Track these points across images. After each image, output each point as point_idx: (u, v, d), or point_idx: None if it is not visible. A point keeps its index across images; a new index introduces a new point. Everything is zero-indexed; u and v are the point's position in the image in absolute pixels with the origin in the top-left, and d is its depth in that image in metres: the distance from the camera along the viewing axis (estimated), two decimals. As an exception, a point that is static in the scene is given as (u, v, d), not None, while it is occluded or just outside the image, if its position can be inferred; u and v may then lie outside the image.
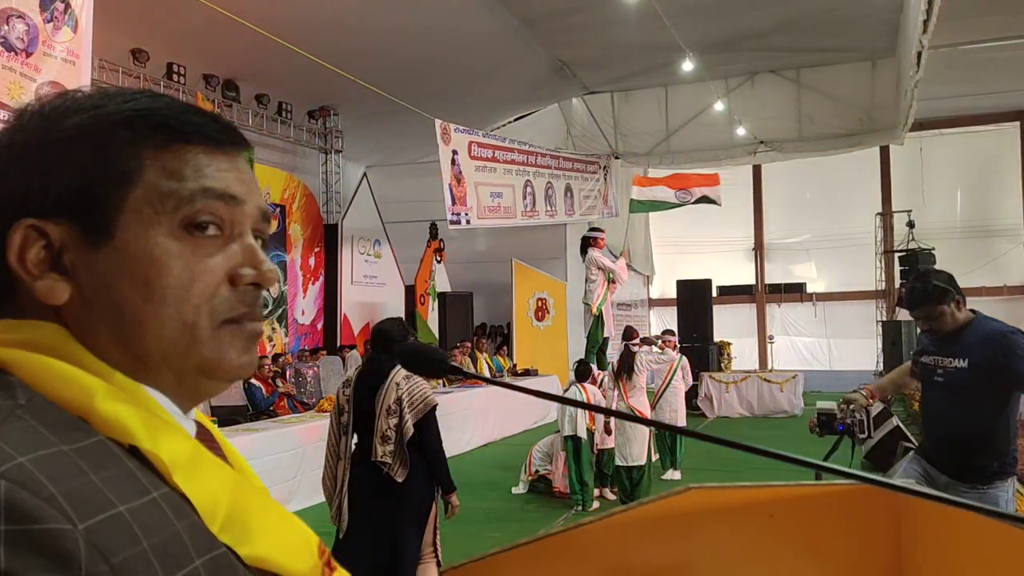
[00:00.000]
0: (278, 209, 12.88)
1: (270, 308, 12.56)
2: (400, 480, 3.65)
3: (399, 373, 3.72)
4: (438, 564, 3.71)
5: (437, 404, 3.79)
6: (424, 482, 3.75)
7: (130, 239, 0.61)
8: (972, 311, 3.37)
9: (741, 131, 15.03)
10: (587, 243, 9.13)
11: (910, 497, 1.31)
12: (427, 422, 3.71)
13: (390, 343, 3.76)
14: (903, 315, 17.65)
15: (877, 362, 17.66)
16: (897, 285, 18.24)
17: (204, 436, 0.67)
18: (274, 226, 12.61)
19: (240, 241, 0.65)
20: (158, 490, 0.56)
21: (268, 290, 0.67)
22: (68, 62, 5.24)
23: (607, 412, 2.40)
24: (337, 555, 0.72)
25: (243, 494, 0.62)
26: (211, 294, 0.63)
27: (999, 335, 3.20)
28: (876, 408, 10.98)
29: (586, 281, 9.09)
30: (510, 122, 15.13)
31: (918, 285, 3.32)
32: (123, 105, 0.64)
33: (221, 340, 0.63)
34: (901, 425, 9.01)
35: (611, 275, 8.81)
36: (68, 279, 0.61)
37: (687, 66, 12.90)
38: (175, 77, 10.55)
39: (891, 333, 17.02)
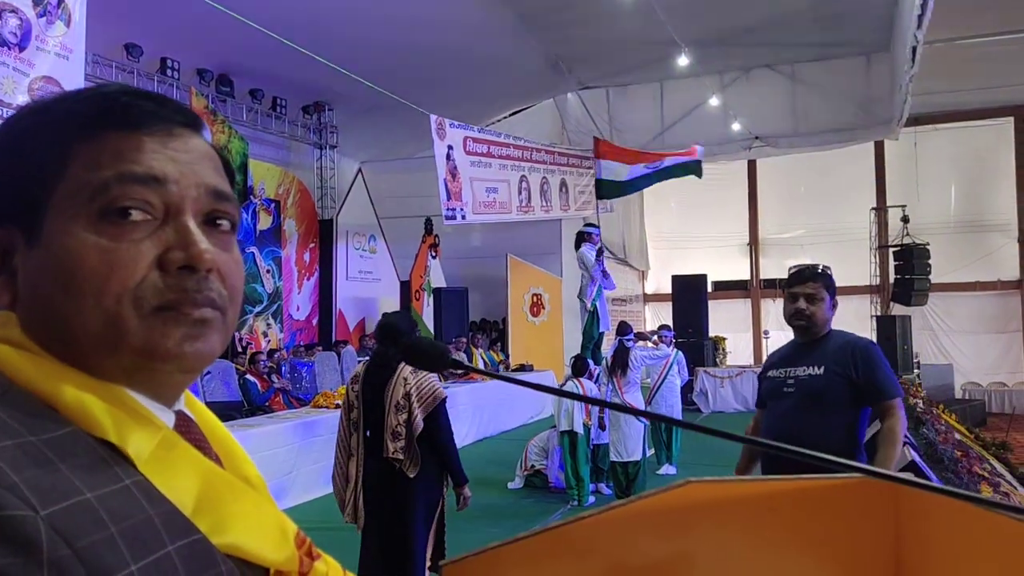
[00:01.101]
0: (273, 204, 12.85)
1: (264, 303, 12.54)
2: (412, 476, 3.66)
3: (407, 367, 3.71)
4: (442, 556, 3.72)
5: (446, 397, 3.79)
6: (434, 475, 3.75)
7: (52, 235, 0.60)
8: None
9: (736, 126, 15.05)
10: (581, 239, 9.12)
11: (908, 488, 1.31)
12: (437, 415, 3.71)
13: (397, 337, 3.75)
14: (898, 310, 17.72)
15: (871, 357, 17.70)
16: (891, 280, 18.29)
17: (184, 426, 0.66)
18: (269, 221, 12.69)
19: (175, 223, 0.62)
20: (131, 478, 0.56)
21: (214, 275, 0.63)
22: (61, 57, 5.21)
23: (603, 404, 2.52)
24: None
25: (214, 483, 0.61)
26: (135, 281, 0.59)
27: (858, 345, 3.09)
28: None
29: (581, 277, 9.09)
30: (505, 117, 15.12)
31: (812, 265, 3.34)
32: (66, 101, 0.63)
33: (153, 329, 0.60)
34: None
35: (593, 276, 8.79)
36: (11, 282, 0.61)
37: (682, 61, 12.90)
38: (169, 72, 10.51)
39: (886, 328, 17.07)
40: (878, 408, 2.99)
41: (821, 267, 3.21)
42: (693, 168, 11.63)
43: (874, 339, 18.46)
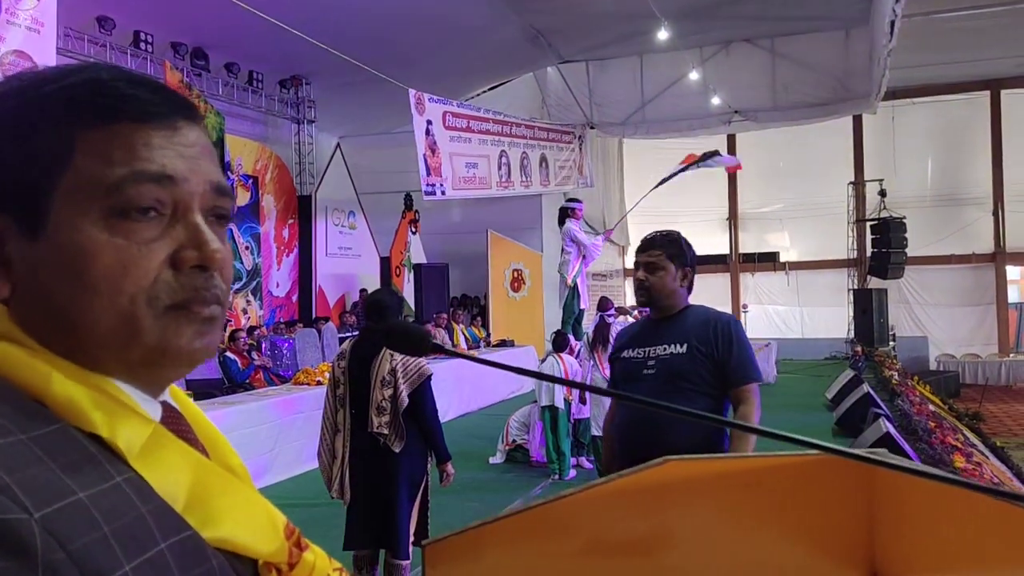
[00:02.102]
0: (251, 180, 12.72)
1: (244, 280, 12.45)
2: (397, 451, 3.68)
3: None
4: (425, 534, 3.74)
5: (432, 374, 3.80)
6: (418, 451, 3.78)
7: (60, 229, 0.58)
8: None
9: (716, 100, 15.04)
10: (564, 214, 9.13)
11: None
12: (422, 392, 3.73)
13: (384, 313, 3.75)
14: (874, 283, 17.94)
15: (848, 329, 17.95)
16: (868, 254, 18.48)
17: (171, 418, 0.66)
18: (247, 197, 12.56)
19: (185, 221, 0.62)
20: (122, 475, 0.55)
21: (218, 272, 0.63)
22: (32, 31, 5.10)
23: (582, 387, 2.36)
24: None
25: (205, 477, 0.61)
26: (150, 281, 0.59)
27: (720, 320, 2.79)
28: (847, 375, 11.20)
29: (562, 252, 9.10)
30: (484, 92, 15.00)
31: (660, 231, 2.91)
32: (60, 83, 0.61)
33: (166, 327, 0.60)
34: (872, 392, 9.19)
35: (583, 250, 8.81)
36: (7, 272, 0.59)
37: (662, 35, 12.83)
38: (142, 46, 10.31)
39: (862, 301, 17.29)
40: (733, 392, 2.70)
41: (668, 233, 2.88)
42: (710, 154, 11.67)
43: (850, 313, 18.74)
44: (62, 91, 0.60)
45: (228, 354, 9.06)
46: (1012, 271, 19.60)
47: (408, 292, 13.54)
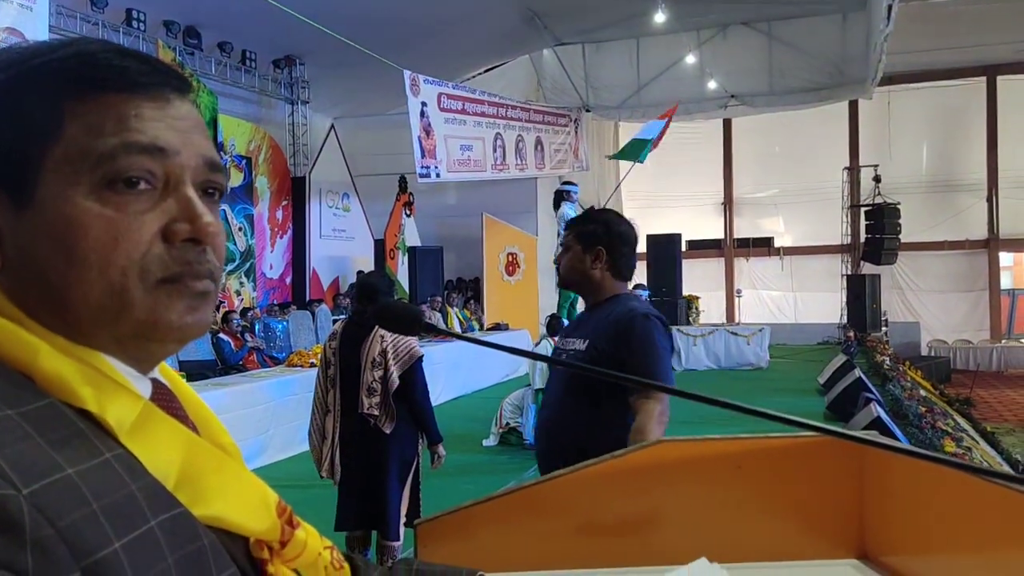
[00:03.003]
0: (244, 161, 12.65)
1: (237, 262, 12.42)
2: (388, 432, 3.69)
3: None
4: (417, 514, 3.76)
5: (423, 355, 3.80)
6: (409, 433, 3.78)
7: (49, 200, 0.57)
8: (634, 293, 2.52)
9: (712, 84, 14.99)
10: (560, 198, 9.10)
11: (874, 447, 1.34)
12: (413, 373, 3.73)
13: (375, 296, 3.76)
14: (867, 269, 17.98)
15: (841, 315, 18.00)
16: (862, 239, 18.51)
17: (161, 395, 0.65)
18: (240, 178, 12.51)
19: (177, 194, 0.61)
20: (112, 451, 0.55)
21: (210, 247, 0.63)
22: (25, 8, 5.06)
23: (574, 367, 2.13)
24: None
25: (196, 455, 0.61)
26: (141, 253, 0.59)
27: (632, 315, 2.32)
28: (839, 360, 11.25)
29: (558, 235, 9.09)
30: (480, 74, 14.93)
31: (585, 213, 2.57)
32: (49, 56, 0.60)
33: (158, 301, 0.60)
34: (863, 377, 9.23)
35: None
36: None
37: (659, 17, 12.78)
38: (134, 24, 10.22)
39: (855, 287, 17.33)
40: (632, 402, 2.23)
41: (587, 211, 2.54)
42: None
43: (844, 298, 18.77)
44: (51, 63, 0.60)
45: (221, 335, 9.05)
46: (1005, 257, 19.66)
47: (402, 275, 13.53)
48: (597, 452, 2.10)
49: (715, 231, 21.31)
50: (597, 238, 2.41)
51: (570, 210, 8.82)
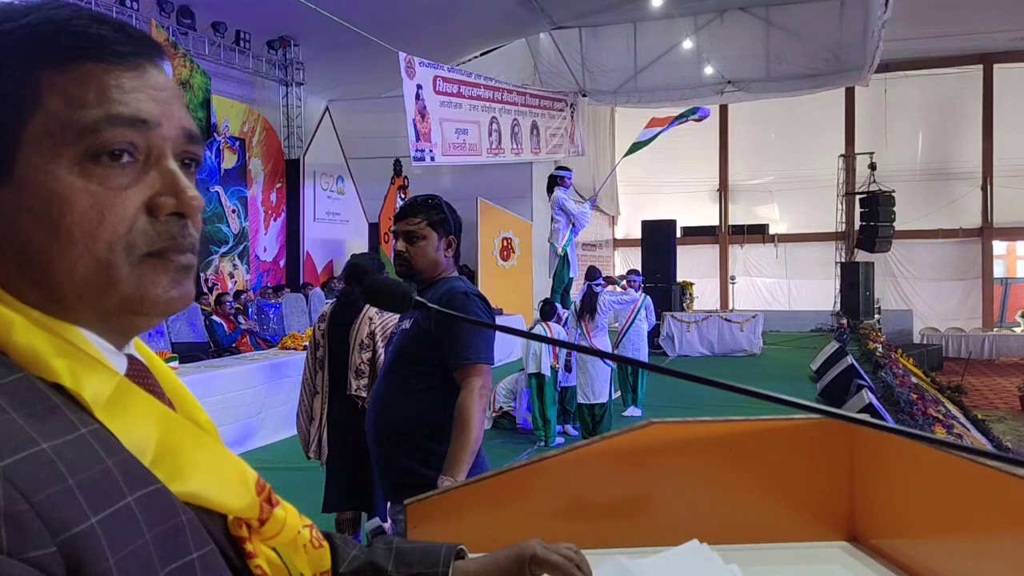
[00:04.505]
0: (238, 143, 12.57)
1: (231, 244, 12.37)
2: None
3: (373, 307, 3.71)
4: None
5: None
6: None
7: (31, 174, 0.56)
8: (460, 276, 2.58)
9: (709, 70, 14.94)
10: (553, 182, 9.07)
11: (863, 429, 1.34)
12: None
13: (364, 277, 3.74)
14: (861, 256, 18.01)
15: (835, 302, 18.05)
16: (857, 227, 18.54)
17: (137, 371, 0.64)
18: (234, 160, 12.43)
19: (159, 167, 0.60)
20: (87, 427, 0.54)
21: (191, 220, 0.62)
22: (11, -17, 4.98)
23: (570, 346, 2.18)
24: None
25: (173, 431, 0.60)
26: (127, 228, 0.58)
27: (451, 294, 2.36)
28: (832, 347, 11.29)
29: (551, 221, 9.06)
30: (476, 57, 14.84)
31: (425, 195, 2.54)
32: (18, 21, 0.58)
33: (143, 276, 0.59)
34: (856, 364, 9.27)
35: (572, 219, 8.77)
36: None
37: (656, 1, 12.71)
38: (128, 3, 10.11)
39: (849, 274, 17.37)
40: (455, 376, 2.29)
41: (429, 197, 2.50)
42: (691, 111, 11.48)
43: (837, 285, 18.83)
44: (21, 29, 0.57)
45: (214, 318, 9.03)
46: (999, 246, 19.72)
47: (396, 259, 13.47)
48: (421, 422, 2.30)
49: (710, 218, 21.31)
50: (449, 226, 2.46)
51: (562, 195, 8.78)
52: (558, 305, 7.77)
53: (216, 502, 0.61)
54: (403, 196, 13.98)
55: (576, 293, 8.27)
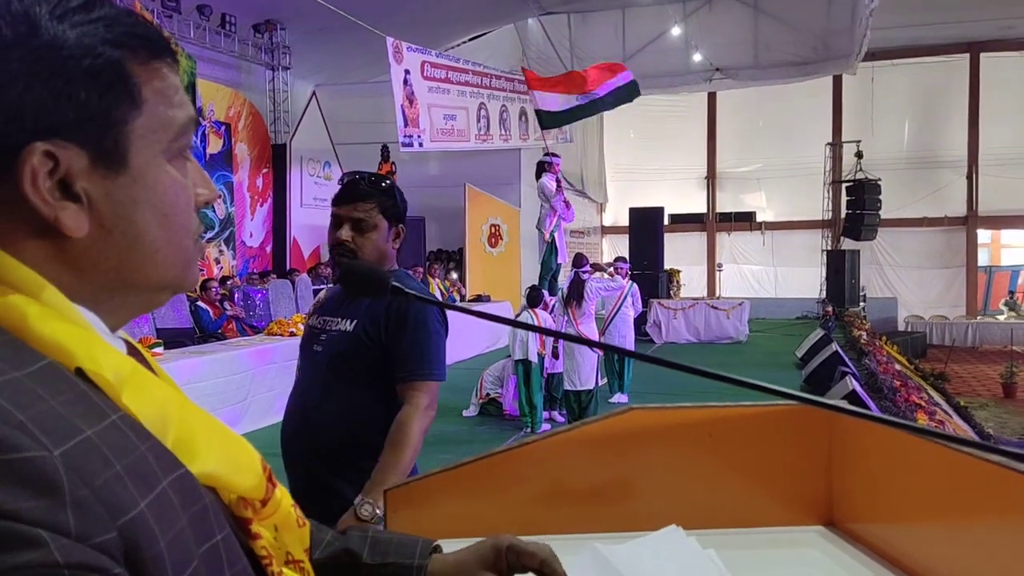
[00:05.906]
0: (224, 127, 12.47)
1: (216, 230, 12.30)
2: None
3: None
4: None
5: None
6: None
7: (143, 167, 0.59)
8: (407, 272, 2.34)
9: (697, 57, 14.94)
10: (541, 168, 9.05)
11: (841, 415, 1.35)
12: None
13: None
14: (847, 244, 18.11)
15: (821, 290, 18.15)
16: (843, 215, 18.62)
17: (133, 353, 0.64)
18: (219, 145, 12.34)
19: (189, 163, 0.65)
20: (115, 413, 0.54)
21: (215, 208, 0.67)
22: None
23: (556, 335, 2.13)
24: None
25: (186, 412, 0.60)
26: (196, 219, 0.65)
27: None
28: (817, 334, 11.36)
29: (541, 207, 9.05)
30: (464, 42, 14.76)
31: (371, 175, 2.18)
32: (99, 12, 0.57)
33: (195, 259, 0.66)
34: (840, 351, 9.33)
35: (554, 206, 8.75)
36: (84, 208, 0.57)
37: (645, -13, 12.66)
38: (110, -16, 9.99)
39: (835, 262, 17.47)
40: (399, 390, 2.05)
41: (378, 179, 2.17)
42: (629, 91, 10.94)
43: (823, 273, 18.94)
44: (108, 20, 0.58)
45: (199, 303, 8.98)
46: (983, 234, 19.87)
47: (384, 245, 13.42)
48: (361, 440, 2.02)
49: (697, 205, 21.35)
50: (399, 215, 2.16)
51: (549, 181, 8.76)
52: (545, 292, 7.77)
53: (229, 482, 0.62)
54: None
55: (564, 280, 8.28)
